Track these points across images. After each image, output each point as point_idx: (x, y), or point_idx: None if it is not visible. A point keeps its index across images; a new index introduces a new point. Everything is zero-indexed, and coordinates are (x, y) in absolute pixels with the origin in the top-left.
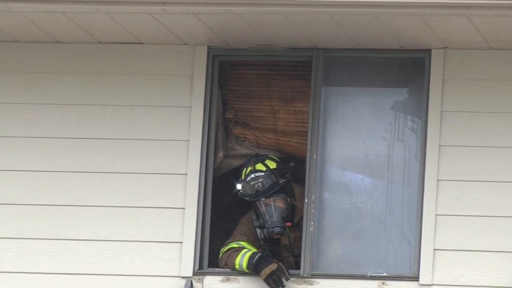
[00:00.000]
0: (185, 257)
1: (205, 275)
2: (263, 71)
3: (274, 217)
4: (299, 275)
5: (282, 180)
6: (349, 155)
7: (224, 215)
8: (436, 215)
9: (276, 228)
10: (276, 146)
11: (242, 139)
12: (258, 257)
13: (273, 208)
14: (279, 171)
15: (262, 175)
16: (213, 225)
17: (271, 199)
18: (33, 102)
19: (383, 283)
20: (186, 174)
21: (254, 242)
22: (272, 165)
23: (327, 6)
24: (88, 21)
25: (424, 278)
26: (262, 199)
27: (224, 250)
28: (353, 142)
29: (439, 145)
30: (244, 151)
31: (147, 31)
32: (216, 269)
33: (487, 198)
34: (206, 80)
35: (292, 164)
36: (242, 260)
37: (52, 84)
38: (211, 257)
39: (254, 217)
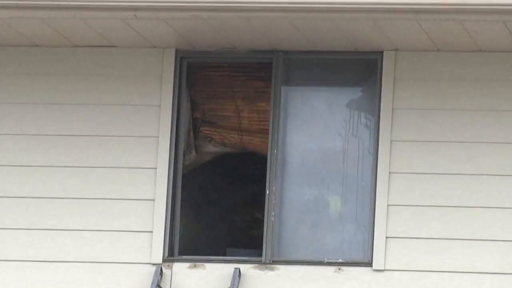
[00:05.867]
0: (155, 245)
1: (174, 262)
2: (227, 73)
3: None
4: (261, 261)
5: None
6: (307, 149)
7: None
8: (388, 205)
9: None
10: (240, 144)
11: (209, 139)
12: None
13: None
14: None
15: None
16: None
17: None
18: (13, 102)
19: (339, 269)
20: (156, 168)
21: None
22: None
23: (286, 11)
24: (64, 26)
25: (377, 264)
26: None
27: None
28: (311, 137)
29: (391, 140)
30: (212, 149)
31: (120, 35)
32: (184, 257)
33: (436, 189)
34: (174, 81)
35: None
36: None
37: (31, 85)
38: (183, 245)
39: None
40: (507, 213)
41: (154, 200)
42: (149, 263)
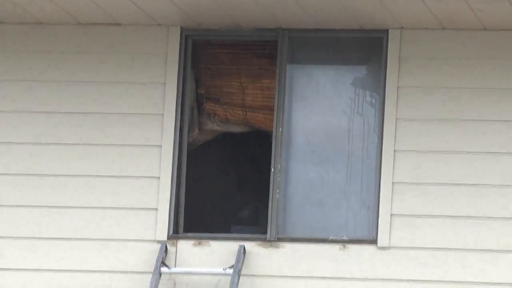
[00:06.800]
0: (160, 222)
1: (179, 239)
2: (232, 50)
3: None
4: (266, 239)
5: None
6: (312, 127)
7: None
8: (393, 183)
9: None
10: (244, 121)
11: (213, 115)
12: None
13: None
14: None
15: None
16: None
17: None
18: (18, 79)
19: (344, 246)
20: (161, 146)
21: None
22: None
23: None
24: (69, 3)
25: (381, 241)
26: None
27: None
28: (316, 115)
29: (396, 118)
30: (215, 127)
31: (125, 13)
32: (189, 234)
33: (440, 167)
34: (179, 59)
35: None
36: None
37: (36, 62)
38: (188, 222)
39: None
40: None
41: (159, 177)
42: (154, 241)
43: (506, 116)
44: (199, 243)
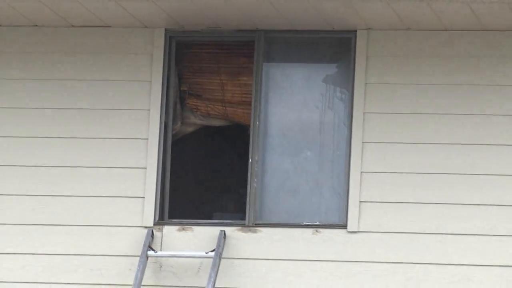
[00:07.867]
0: (146, 209)
1: (164, 225)
2: (213, 50)
3: None
4: (244, 224)
5: None
6: (287, 121)
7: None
8: (361, 172)
9: None
10: (224, 115)
11: (195, 110)
12: None
13: None
14: None
15: None
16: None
17: None
18: (14, 78)
19: (317, 231)
20: (147, 139)
21: None
22: None
23: None
24: (62, 7)
25: (351, 226)
26: None
27: None
28: (290, 110)
29: (364, 112)
30: (198, 121)
31: (113, 16)
32: (174, 220)
33: (406, 157)
34: (164, 58)
35: None
36: None
37: (31, 63)
38: (172, 209)
39: None
40: (474, 178)
41: (145, 168)
42: (141, 226)
43: (468, 110)
44: (183, 229)
